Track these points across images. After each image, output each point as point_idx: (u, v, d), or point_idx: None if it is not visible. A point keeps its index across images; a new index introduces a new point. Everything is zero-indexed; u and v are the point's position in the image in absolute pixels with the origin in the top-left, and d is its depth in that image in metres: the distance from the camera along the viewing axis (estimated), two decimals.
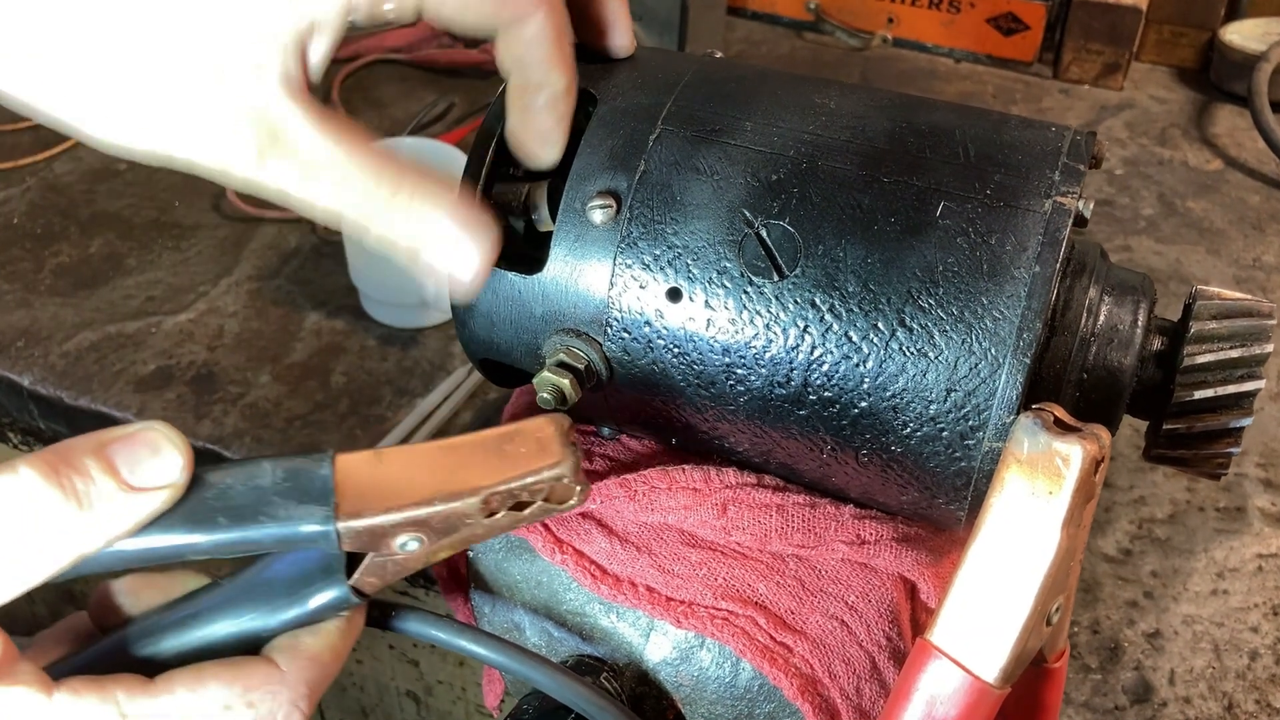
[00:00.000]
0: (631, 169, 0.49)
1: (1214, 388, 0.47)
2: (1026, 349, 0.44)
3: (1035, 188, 0.46)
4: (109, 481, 0.41)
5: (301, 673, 0.45)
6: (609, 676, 0.53)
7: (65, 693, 0.41)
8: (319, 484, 0.43)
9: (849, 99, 0.51)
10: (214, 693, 0.43)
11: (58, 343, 0.95)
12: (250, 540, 0.43)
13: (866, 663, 0.51)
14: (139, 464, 0.41)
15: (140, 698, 0.42)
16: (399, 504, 0.43)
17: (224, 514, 0.42)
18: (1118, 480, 0.84)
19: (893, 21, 1.42)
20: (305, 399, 0.89)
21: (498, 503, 0.44)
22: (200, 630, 0.45)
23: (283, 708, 0.44)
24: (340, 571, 0.45)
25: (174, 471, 0.42)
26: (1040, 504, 0.42)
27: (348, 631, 0.47)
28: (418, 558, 0.45)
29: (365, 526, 0.43)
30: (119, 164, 1.18)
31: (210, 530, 0.42)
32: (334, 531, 0.43)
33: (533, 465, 0.44)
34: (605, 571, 0.53)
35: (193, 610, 0.46)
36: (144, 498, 0.41)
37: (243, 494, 0.43)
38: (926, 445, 0.46)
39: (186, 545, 0.42)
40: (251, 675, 0.44)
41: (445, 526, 0.44)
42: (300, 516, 0.43)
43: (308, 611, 0.45)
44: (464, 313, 0.53)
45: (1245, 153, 1.25)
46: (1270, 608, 0.75)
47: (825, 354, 0.47)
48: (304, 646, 0.45)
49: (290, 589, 0.45)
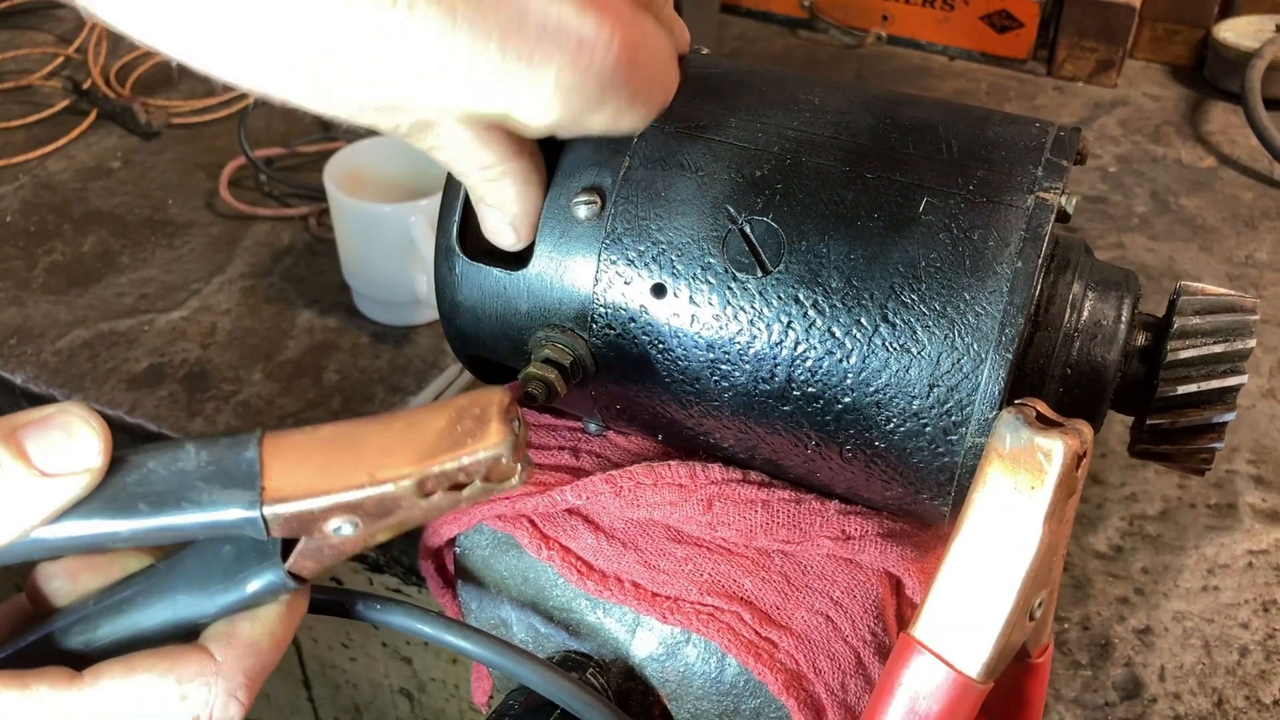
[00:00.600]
0: (615, 165, 0.49)
1: (1197, 383, 0.47)
2: (1009, 344, 0.44)
3: (1018, 183, 0.46)
4: (18, 466, 0.39)
5: (239, 661, 0.42)
6: (595, 672, 0.53)
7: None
8: (244, 467, 0.41)
9: (833, 95, 0.51)
10: (145, 684, 0.41)
11: (50, 340, 0.95)
12: (174, 528, 0.40)
13: (851, 658, 0.51)
14: (51, 448, 0.39)
15: (66, 691, 0.40)
16: (328, 488, 0.41)
17: (145, 500, 0.40)
18: (1109, 477, 0.85)
19: (887, 19, 1.42)
20: (298, 396, 0.90)
21: (433, 484, 0.42)
22: (134, 616, 0.43)
23: (219, 699, 0.42)
24: (276, 555, 0.42)
25: (90, 456, 0.40)
26: (1022, 499, 0.42)
27: (288, 617, 0.44)
28: (354, 541, 0.42)
29: (293, 512, 0.41)
30: (112, 162, 1.18)
31: (131, 516, 0.40)
32: (260, 517, 0.40)
33: (469, 445, 0.42)
34: (591, 567, 0.53)
35: (127, 595, 0.43)
36: (58, 483, 0.39)
37: (165, 479, 0.41)
38: (910, 441, 0.46)
39: (106, 534, 0.40)
40: (185, 665, 0.42)
41: (379, 510, 0.42)
42: (224, 501, 0.40)
43: (245, 596, 0.43)
44: (450, 309, 0.53)
45: (1238, 150, 1.25)
46: (1260, 604, 0.75)
47: (809, 350, 0.47)
48: (241, 633, 0.43)
49: (226, 573, 0.43)
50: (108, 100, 1.24)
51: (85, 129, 1.23)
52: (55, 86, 1.29)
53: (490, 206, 0.49)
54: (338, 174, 0.93)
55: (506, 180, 0.47)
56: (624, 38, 0.41)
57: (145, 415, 0.87)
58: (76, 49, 1.35)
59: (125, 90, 1.29)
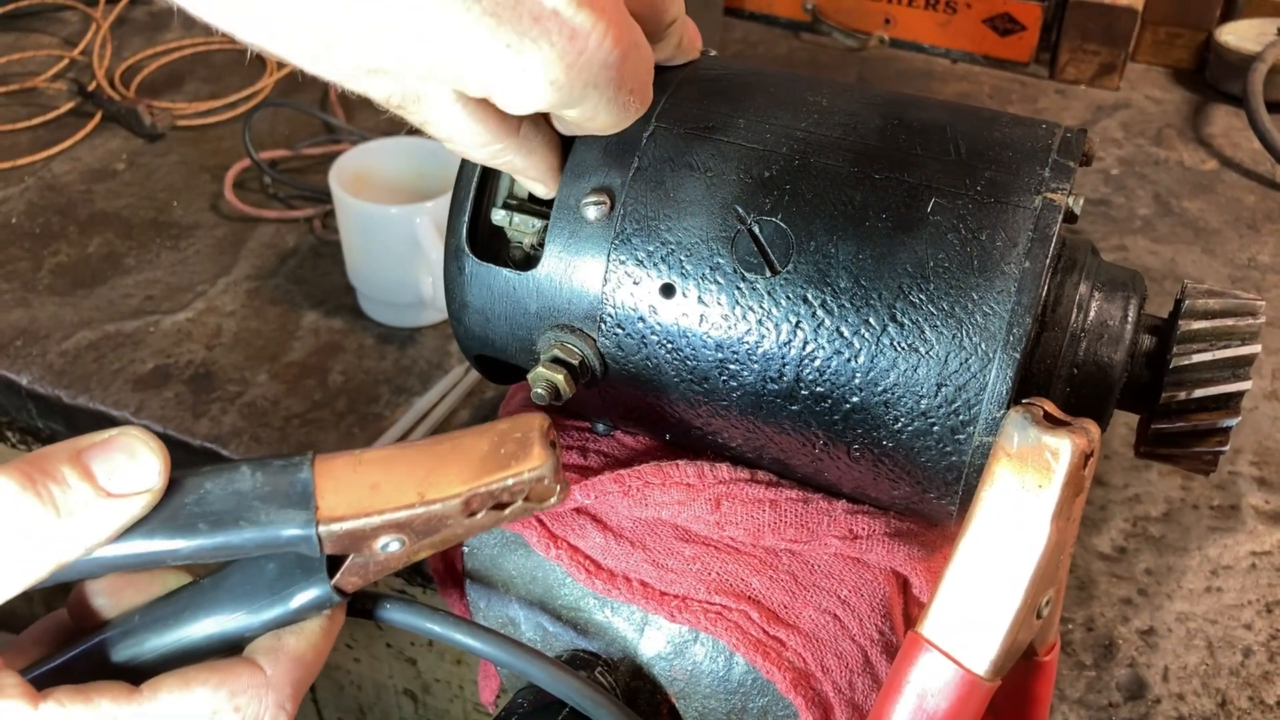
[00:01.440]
0: (625, 166, 0.50)
1: (1201, 388, 0.47)
2: (1016, 344, 0.44)
3: (1025, 184, 0.46)
4: (86, 488, 0.41)
5: (286, 674, 0.45)
6: (603, 670, 0.54)
7: (51, 703, 0.41)
8: (299, 487, 0.43)
9: (841, 97, 0.52)
10: (200, 698, 0.43)
11: (56, 342, 0.95)
12: (231, 545, 0.43)
13: (859, 656, 0.51)
14: (116, 470, 0.41)
15: (127, 705, 0.42)
16: (380, 507, 0.43)
17: (204, 519, 0.42)
18: (1113, 479, 0.85)
19: (890, 22, 1.42)
20: (303, 398, 0.90)
21: (478, 503, 0.44)
22: (182, 631, 0.45)
23: (269, 710, 0.44)
24: (322, 571, 0.45)
25: (151, 477, 0.42)
26: (1030, 497, 0.43)
27: (329, 630, 0.47)
28: (399, 558, 0.45)
29: (346, 530, 0.43)
30: (117, 164, 1.19)
31: (190, 536, 0.42)
32: (315, 535, 0.43)
33: (513, 467, 0.44)
34: (600, 566, 0.53)
35: (174, 610, 0.45)
36: (121, 504, 0.41)
37: (222, 499, 0.43)
38: (918, 440, 0.47)
39: (167, 551, 0.42)
40: (237, 679, 0.44)
41: (426, 528, 0.44)
42: (281, 521, 0.43)
43: (290, 611, 0.45)
44: (459, 309, 0.54)
45: (1241, 153, 1.25)
46: (1264, 605, 0.75)
47: (817, 349, 0.47)
48: (287, 647, 0.45)
49: (272, 589, 0.45)
50: (113, 103, 1.24)
51: (90, 131, 1.23)
52: (60, 89, 1.30)
53: (510, 175, 0.50)
54: (343, 176, 0.93)
55: (508, 154, 0.48)
56: (616, 38, 0.42)
57: (151, 416, 0.88)
58: (81, 51, 1.36)
59: (130, 93, 1.29)
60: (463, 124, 0.45)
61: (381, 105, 0.45)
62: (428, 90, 0.44)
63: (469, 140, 0.46)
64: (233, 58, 1.38)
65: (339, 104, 1.27)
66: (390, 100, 0.44)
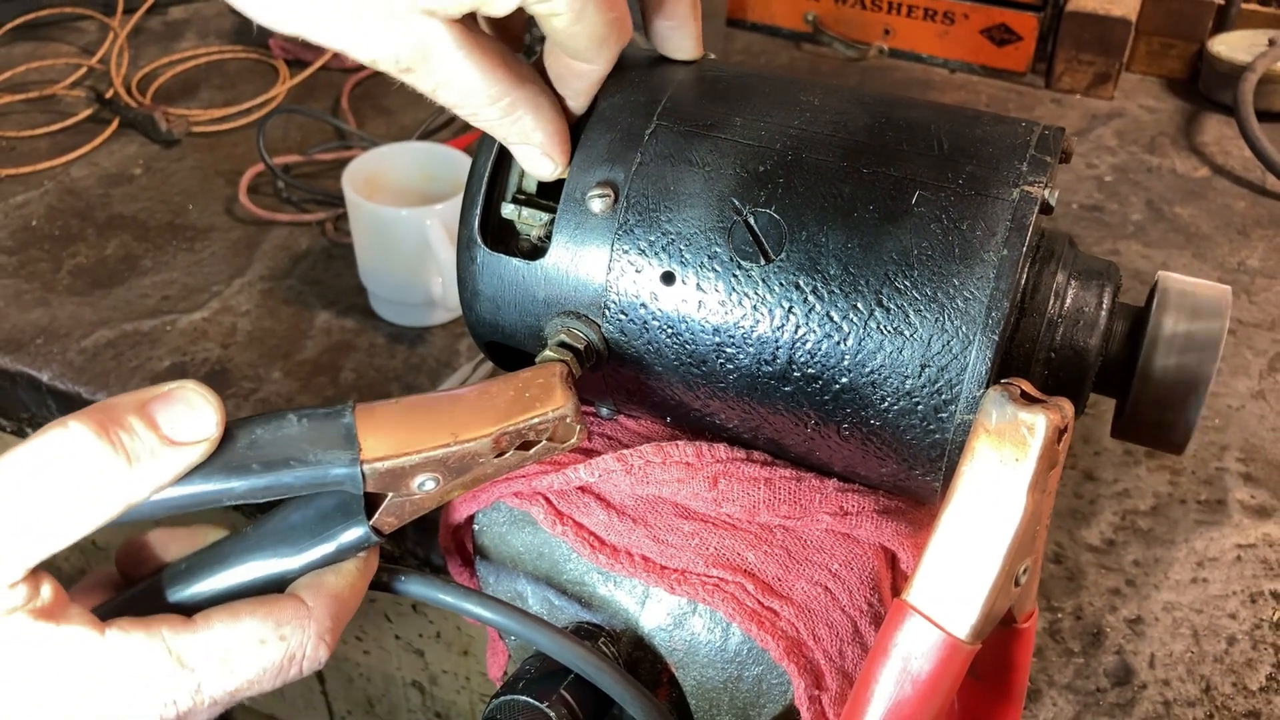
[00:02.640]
0: (628, 161, 0.52)
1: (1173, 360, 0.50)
2: (995, 326, 0.47)
3: (1004, 178, 0.49)
4: (152, 436, 0.44)
5: (327, 608, 0.48)
6: (607, 642, 0.56)
7: (115, 630, 0.44)
8: (343, 431, 0.47)
9: (832, 97, 0.54)
10: (249, 627, 0.46)
11: (75, 340, 0.97)
12: (281, 484, 0.46)
13: (849, 626, 0.53)
14: (177, 420, 0.45)
15: (184, 633, 0.45)
16: (417, 447, 0.47)
17: (256, 461, 0.46)
18: (1102, 474, 0.87)
19: (889, 33, 1.45)
20: (316, 395, 0.92)
21: (507, 442, 0.48)
22: (228, 573, 0.48)
23: (311, 640, 0.48)
24: (360, 513, 0.48)
25: (209, 426, 0.45)
26: (1008, 470, 0.45)
27: (365, 570, 0.50)
28: (433, 496, 0.48)
29: (388, 468, 0.47)
30: (134, 169, 1.21)
31: (244, 477, 0.45)
32: (359, 473, 0.46)
33: (539, 408, 0.48)
34: (603, 542, 0.56)
35: (220, 556, 0.49)
36: (184, 451, 0.45)
37: (272, 443, 0.46)
38: (903, 418, 0.49)
39: (224, 490, 0.46)
40: (282, 611, 0.47)
41: (460, 466, 0.47)
42: (328, 461, 0.46)
43: (331, 552, 0.48)
44: (471, 297, 0.56)
45: (1232, 160, 1.27)
46: (1248, 595, 0.77)
47: (808, 333, 0.50)
48: (327, 584, 0.49)
49: (313, 532, 0.48)
50: (129, 109, 1.27)
51: (108, 137, 1.25)
52: (79, 96, 1.32)
53: (518, 144, 0.52)
54: (356, 179, 0.96)
55: (519, 109, 0.50)
56: None
57: None
58: (99, 60, 1.38)
59: (146, 100, 1.32)
60: (471, 75, 0.47)
61: (393, 75, 0.47)
62: (430, 39, 0.46)
63: (480, 94, 0.48)
64: (246, 66, 1.41)
65: (350, 111, 1.30)
66: (400, 63, 0.46)
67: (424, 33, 0.46)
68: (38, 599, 0.43)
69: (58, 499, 0.42)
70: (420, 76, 0.47)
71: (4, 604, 0.42)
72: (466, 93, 0.48)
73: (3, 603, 0.42)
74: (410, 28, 0.45)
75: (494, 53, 0.48)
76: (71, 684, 0.43)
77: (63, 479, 0.42)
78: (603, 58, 0.51)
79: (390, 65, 0.47)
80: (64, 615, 0.44)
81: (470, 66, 0.47)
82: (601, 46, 0.50)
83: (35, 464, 0.42)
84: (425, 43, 0.46)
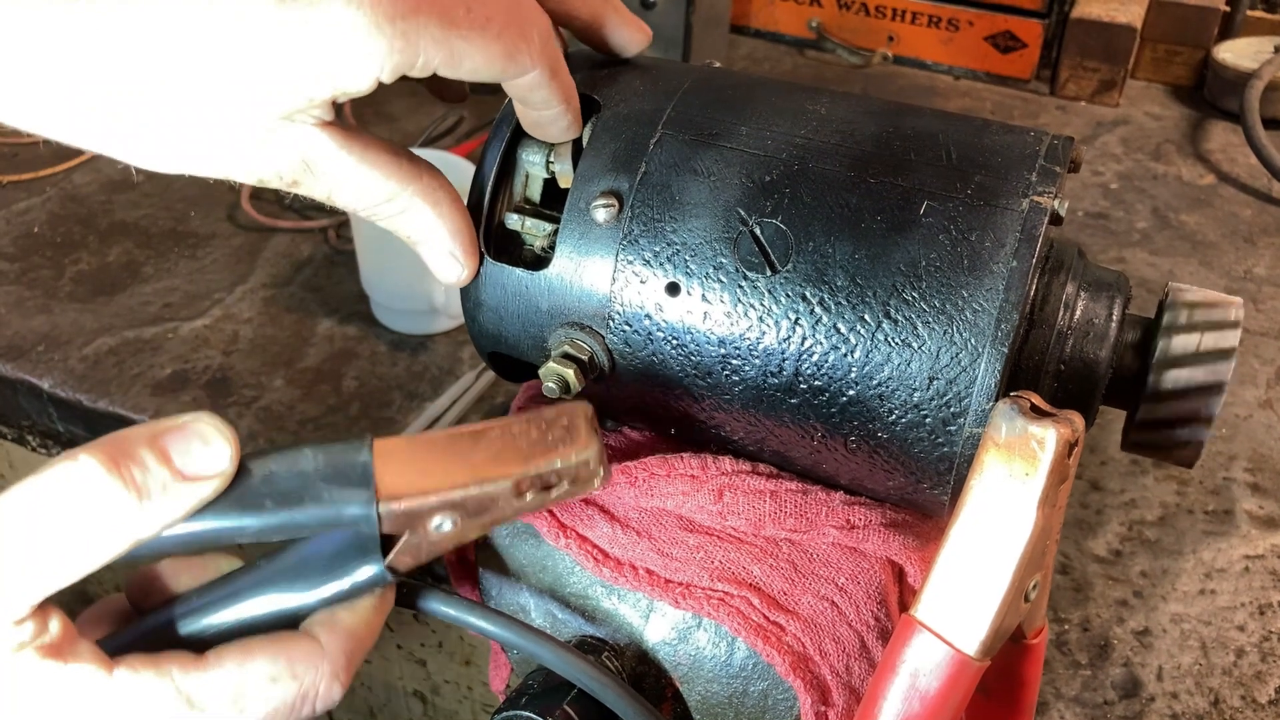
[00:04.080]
0: (633, 170, 0.52)
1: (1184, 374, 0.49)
2: (1004, 339, 0.46)
3: (1013, 188, 0.48)
4: (164, 471, 0.43)
5: (340, 646, 0.47)
6: (610, 656, 0.55)
7: (124, 669, 0.43)
8: (359, 469, 0.45)
9: (839, 105, 0.54)
10: (261, 666, 0.45)
11: (77, 347, 0.97)
12: (295, 523, 0.45)
13: (855, 641, 0.53)
14: (191, 454, 0.44)
15: (194, 672, 0.44)
16: (435, 487, 0.46)
17: (271, 498, 0.45)
18: (1109, 484, 0.86)
19: (893, 39, 1.45)
20: (318, 402, 0.92)
21: (527, 485, 0.47)
22: (241, 608, 0.47)
23: (324, 678, 0.46)
24: (376, 551, 0.46)
25: (223, 461, 0.44)
26: (1017, 485, 0.44)
27: (380, 607, 0.49)
28: (450, 537, 0.47)
29: (404, 509, 0.45)
30: (136, 175, 1.21)
31: (258, 514, 0.44)
32: (375, 514, 0.45)
33: (562, 451, 0.47)
34: (607, 555, 0.55)
35: (232, 590, 0.48)
36: (196, 486, 0.43)
37: (287, 479, 0.45)
38: (911, 431, 0.49)
39: (236, 528, 0.44)
40: (295, 649, 0.46)
41: (478, 508, 0.46)
42: (343, 500, 0.45)
43: (345, 589, 0.47)
44: (473, 308, 0.56)
45: (1237, 168, 1.27)
46: (1256, 607, 0.77)
47: (815, 345, 0.49)
48: (341, 622, 0.47)
49: (327, 568, 0.47)
50: None
51: None
52: None
53: (422, 244, 0.52)
54: None
55: (416, 204, 0.50)
56: None
57: None
58: None
59: None
60: (360, 174, 0.48)
61: (283, 188, 0.48)
62: (305, 146, 0.46)
63: (375, 191, 0.49)
64: None
65: (353, 117, 1.30)
66: (284, 178, 0.47)
67: (299, 142, 0.46)
68: (45, 635, 0.42)
69: (65, 534, 0.41)
70: (309, 187, 0.48)
71: (11, 640, 0.41)
72: (360, 192, 0.48)
73: (9, 639, 0.41)
74: (283, 140, 0.46)
75: (381, 149, 0.48)
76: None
77: (70, 514, 0.41)
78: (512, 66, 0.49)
79: (276, 182, 0.47)
80: (72, 653, 0.43)
81: (356, 165, 0.47)
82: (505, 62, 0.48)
83: (43, 498, 0.41)
84: (304, 152, 0.46)
